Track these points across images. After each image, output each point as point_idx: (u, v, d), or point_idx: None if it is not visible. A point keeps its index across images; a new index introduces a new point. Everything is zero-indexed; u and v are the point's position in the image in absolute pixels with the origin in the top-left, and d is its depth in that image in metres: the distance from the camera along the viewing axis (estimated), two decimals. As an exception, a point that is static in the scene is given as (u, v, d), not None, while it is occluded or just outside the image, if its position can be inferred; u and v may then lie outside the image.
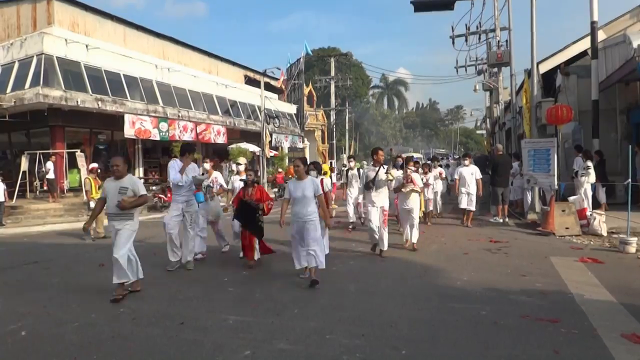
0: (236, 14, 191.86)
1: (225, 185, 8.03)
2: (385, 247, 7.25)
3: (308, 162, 6.19)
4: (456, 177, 10.86)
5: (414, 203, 7.75)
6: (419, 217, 8.22)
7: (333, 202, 10.02)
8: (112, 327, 4.29)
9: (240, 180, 7.23)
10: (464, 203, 10.53)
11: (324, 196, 6.28)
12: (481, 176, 10.62)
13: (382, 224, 7.12)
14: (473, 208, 10.60)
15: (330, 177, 10.37)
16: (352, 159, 11.14)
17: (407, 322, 4.26)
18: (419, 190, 7.91)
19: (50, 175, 15.63)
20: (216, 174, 7.87)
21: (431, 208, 11.23)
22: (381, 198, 7.15)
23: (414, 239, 7.75)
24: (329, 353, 3.61)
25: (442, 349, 3.66)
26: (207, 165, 7.79)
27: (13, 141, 19.14)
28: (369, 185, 7.07)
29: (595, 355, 3.48)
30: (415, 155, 37.93)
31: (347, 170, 10.77)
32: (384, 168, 7.12)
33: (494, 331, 4.01)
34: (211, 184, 7.60)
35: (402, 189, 7.56)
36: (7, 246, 9.39)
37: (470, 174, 10.49)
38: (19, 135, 18.65)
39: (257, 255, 6.73)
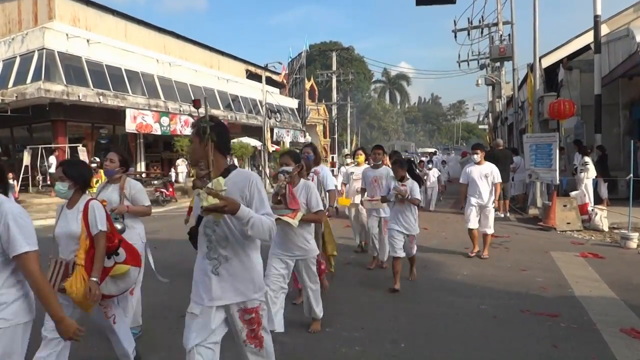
0: (237, 8, 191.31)
1: None
2: None
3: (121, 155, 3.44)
4: (461, 180, 6.96)
5: (303, 245, 3.72)
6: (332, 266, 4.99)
7: None
8: (113, 320, 4.31)
9: None
10: (472, 222, 6.63)
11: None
12: (500, 180, 6.78)
13: (247, 339, 2.36)
14: (490, 230, 6.71)
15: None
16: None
17: (406, 316, 4.28)
18: (293, 221, 3.42)
19: (53, 170, 15.69)
20: None
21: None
22: (229, 282, 2.27)
23: (314, 316, 3.96)
24: (328, 346, 3.63)
25: (442, 343, 3.67)
26: None
27: (15, 136, 19.22)
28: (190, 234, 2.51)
29: (593, 350, 3.49)
30: (430, 150, 37.79)
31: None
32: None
33: (493, 325, 4.02)
34: None
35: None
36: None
37: (484, 176, 6.57)
38: (21, 130, 18.72)
39: None
